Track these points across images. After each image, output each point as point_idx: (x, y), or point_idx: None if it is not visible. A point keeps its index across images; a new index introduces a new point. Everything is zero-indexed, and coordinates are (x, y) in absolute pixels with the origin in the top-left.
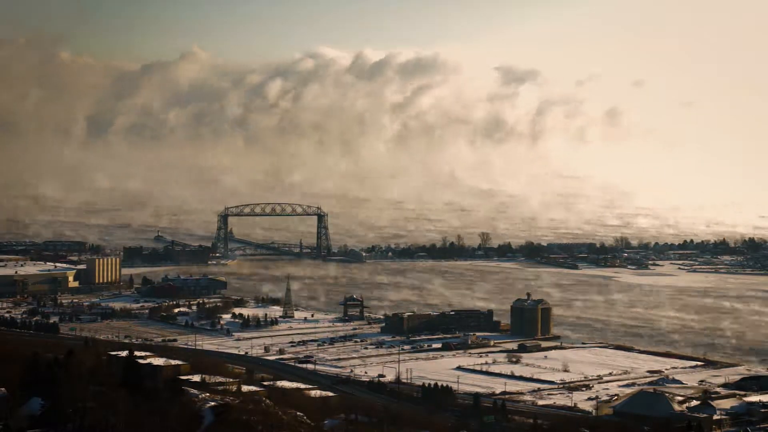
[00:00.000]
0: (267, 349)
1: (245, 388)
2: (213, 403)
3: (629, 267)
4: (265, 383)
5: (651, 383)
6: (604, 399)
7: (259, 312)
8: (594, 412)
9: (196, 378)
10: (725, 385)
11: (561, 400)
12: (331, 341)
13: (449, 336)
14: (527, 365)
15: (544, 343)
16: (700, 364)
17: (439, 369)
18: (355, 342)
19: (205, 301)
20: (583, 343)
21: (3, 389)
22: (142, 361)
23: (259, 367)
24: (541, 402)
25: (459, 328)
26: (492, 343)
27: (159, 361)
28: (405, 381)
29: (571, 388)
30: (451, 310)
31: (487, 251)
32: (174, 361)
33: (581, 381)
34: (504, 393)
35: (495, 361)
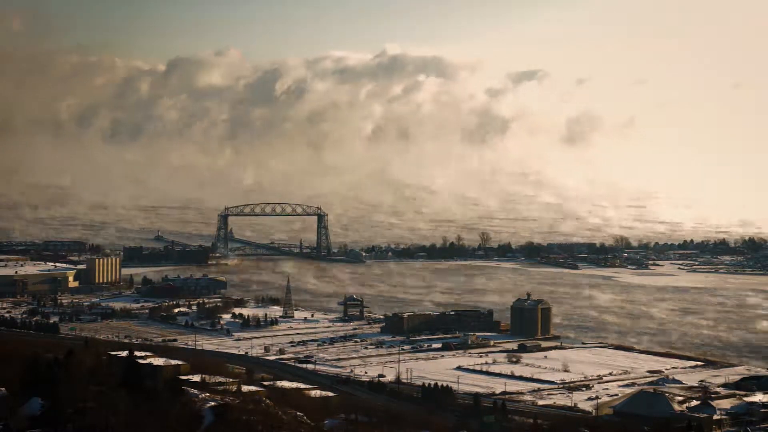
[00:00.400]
0: (267, 349)
1: (245, 388)
2: (213, 403)
3: (629, 267)
4: (265, 383)
5: (651, 383)
6: (604, 399)
7: (259, 312)
8: (594, 412)
9: (196, 378)
10: (725, 385)
11: (561, 400)
12: (331, 341)
13: (449, 336)
14: (527, 365)
15: (544, 343)
16: (700, 364)
17: (439, 369)
18: (355, 342)
19: (205, 301)
20: (583, 343)
21: (3, 389)
22: (142, 361)
23: (259, 367)
24: (541, 402)
25: (459, 328)
26: (492, 343)
27: (159, 361)
28: (405, 381)
29: (571, 388)
30: (451, 310)
31: (487, 251)
32: (174, 361)
33: (581, 381)
34: (504, 393)
35: (495, 361)
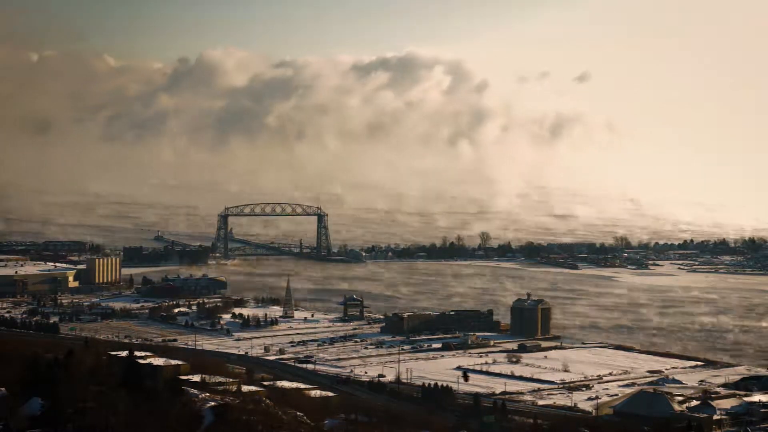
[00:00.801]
0: (267, 349)
1: (245, 388)
2: (213, 403)
3: (629, 267)
4: (265, 383)
5: (651, 383)
6: (604, 399)
7: (259, 312)
8: (594, 412)
9: (196, 378)
10: (725, 385)
11: (561, 400)
12: (331, 341)
13: (449, 336)
14: (527, 365)
15: (544, 343)
16: (700, 364)
17: (439, 369)
18: (355, 342)
19: (205, 301)
20: (583, 343)
21: (3, 389)
22: (142, 361)
23: (259, 367)
24: (541, 402)
25: (459, 328)
26: (492, 343)
27: (159, 361)
28: (405, 381)
29: (571, 388)
30: (451, 310)
31: (487, 251)
32: (174, 361)
33: (581, 381)
34: (504, 393)
35: (495, 361)
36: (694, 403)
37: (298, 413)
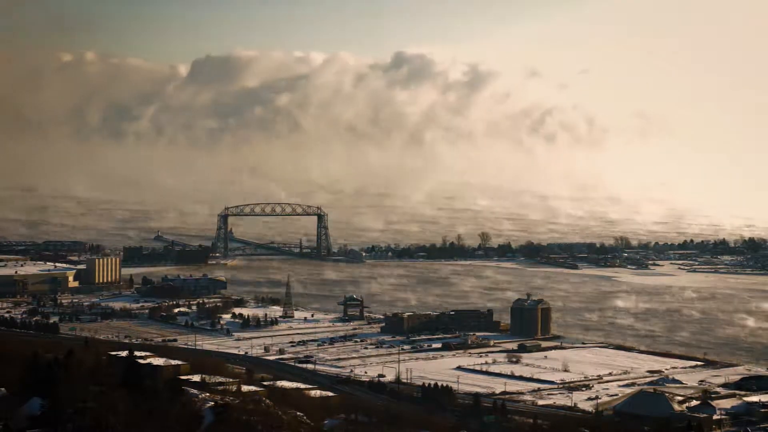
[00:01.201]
0: (267, 349)
1: (245, 388)
2: (213, 403)
3: (629, 267)
4: (265, 383)
5: (651, 383)
6: (604, 399)
7: (259, 312)
8: (594, 412)
9: (196, 378)
10: (725, 385)
11: (561, 400)
12: (331, 341)
13: (449, 336)
14: (527, 365)
15: (544, 343)
16: (700, 364)
17: (439, 369)
18: (355, 342)
19: (205, 301)
20: (583, 343)
21: (3, 389)
22: (142, 361)
23: (259, 367)
24: (541, 402)
25: (459, 328)
26: (492, 343)
27: (159, 361)
28: (405, 381)
29: (571, 388)
30: (451, 310)
31: (486, 251)
32: (174, 361)
33: (581, 381)
34: (504, 393)
35: (495, 361)
36: (694, 403)
37: (298, 413)
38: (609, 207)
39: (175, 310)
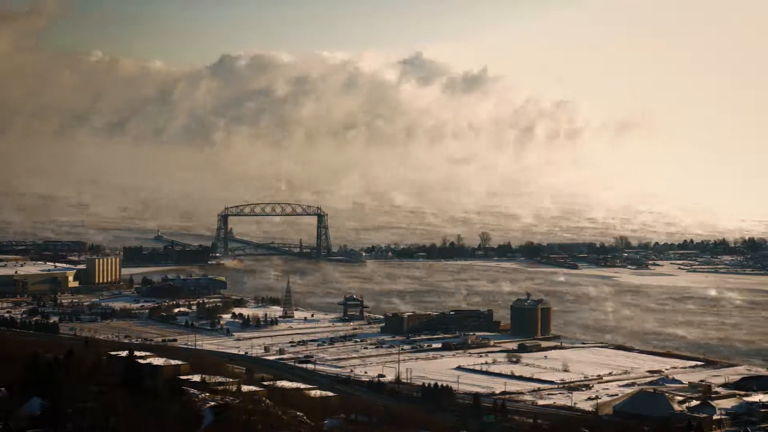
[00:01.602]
0: (267, 349)
1: (245, 388)
2: (213, 403)
3: (629, 267)
4: (265, 383)
5: (651, 383)
6: (604, 399)
7: (259, 312)
8: (594, 412)
9: (196, 378)
10: (725, 385)
11: (561, 400)
12: (331, 341)
13: (449, 336)
14: (527, 365)
15: (544, 343)
16: (700, 364)
17: (439, 369)
18: (355, 342)
19: (205, 301)
20: (583, 343)
21: (3, 389)
22: (142, 361)
23: (259, 367)
24: (541, 402)
25: (459, 328)
26: (492, 343)
27: (159, 361)
28: (405, 381)
29: (571, 388)
30: (451, 310)
31: (486, 251)
32: (174, 361)
33: (581, 381)
34: (504, 393)
35: (495, 361)
36: (694, 403)
37: (298, 413)
38: (609, 207)
39: (175, 310)
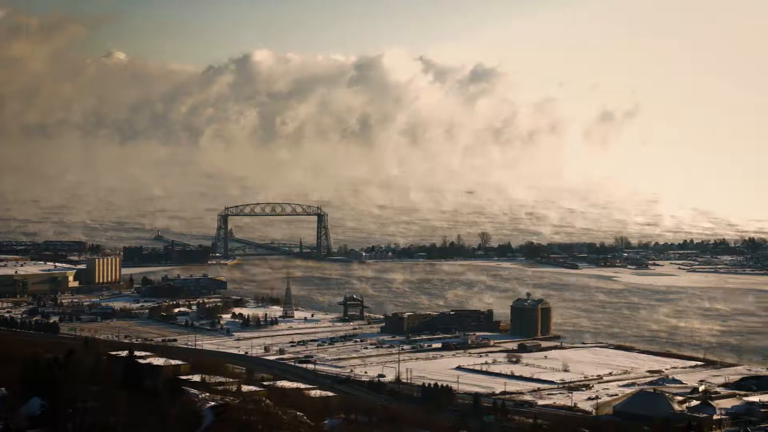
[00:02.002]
0: (267, 349)
1: (245, 388)
2: (213, 403)
3: (629, 267)
4: (265, 383)
5: (651, 383)
6: (604, 399)
7: (259, 312)
8: (594, 412)
9: (196, 378)
10: (725, 385)
11: (561, 400)
12: (331, 341)
13: (449, 336)
14: (527, 365)
15: (544, 343)
16: (700, 364)
17: (439, 369)
18: (355, 342)
19: (205, 301)
20: (583, 343)
21: (3, 389)
22: (142, 361)
23: (259, 367)
24: (541, 402)
25: (459, 328)
26: (492, 343)
27: (159, 361)
28: (405, 381)
29: (571, 388)
30: (451, 310)
31: (487, 251)
32: (174, 361)
33: (581, 381)
34: (504, 393)
35: (495, 361)
36: (694, 403)
37: (298, 413)
38: (609, 207)
39: (175, 310)
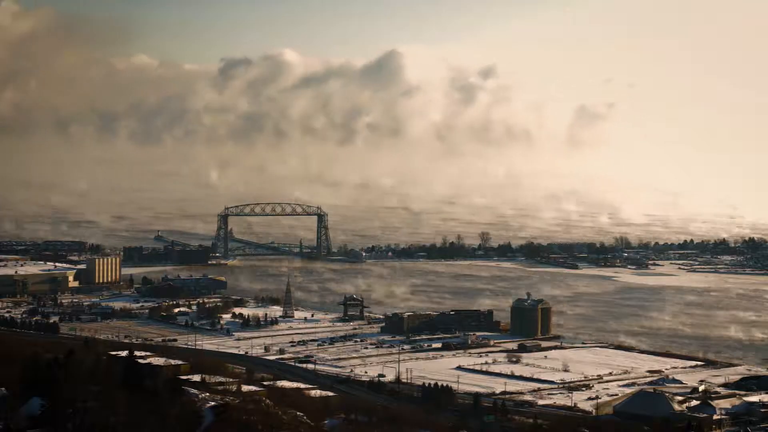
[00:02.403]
0: (267, 349)
1: (245, 388)
2: (213, 403)
3: (629, 267)
4: (265, 383)
5: (651, 383)
6: (604, 399)
7: (259, 312)
8: (594, 412)
9: (196, 378)
10: (725, 385)
11: (561, 400)
12: (331, 341)
13: (449, 336)
14: (527, 365)
15: (544, 343)
16: (700, 363)
17: (439, 369)
18: (355, 342)
19: (205, 301)
20: (583, 343)
21: (3, 389)
22: (142, 361)
23: (259, 367)
24: (541, 402)
25: (459, 328)
26: (492, 342)
27: (159, 361)
28: (405, 381)
29: (571, 388)
30: (451, 310)
31: (487, 251)
32: (174, 361)
33: (581, 381)
34: (504, 393)
35: (495, 361)
36: (694, 403)
37: (298, 413)
38: (609, 207)
39: (175, 310)
